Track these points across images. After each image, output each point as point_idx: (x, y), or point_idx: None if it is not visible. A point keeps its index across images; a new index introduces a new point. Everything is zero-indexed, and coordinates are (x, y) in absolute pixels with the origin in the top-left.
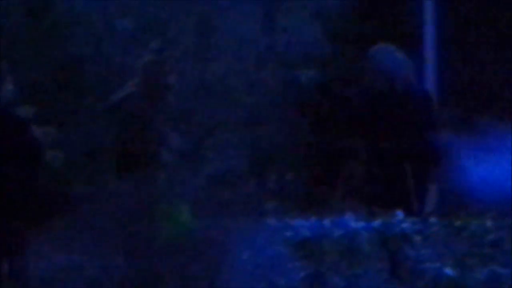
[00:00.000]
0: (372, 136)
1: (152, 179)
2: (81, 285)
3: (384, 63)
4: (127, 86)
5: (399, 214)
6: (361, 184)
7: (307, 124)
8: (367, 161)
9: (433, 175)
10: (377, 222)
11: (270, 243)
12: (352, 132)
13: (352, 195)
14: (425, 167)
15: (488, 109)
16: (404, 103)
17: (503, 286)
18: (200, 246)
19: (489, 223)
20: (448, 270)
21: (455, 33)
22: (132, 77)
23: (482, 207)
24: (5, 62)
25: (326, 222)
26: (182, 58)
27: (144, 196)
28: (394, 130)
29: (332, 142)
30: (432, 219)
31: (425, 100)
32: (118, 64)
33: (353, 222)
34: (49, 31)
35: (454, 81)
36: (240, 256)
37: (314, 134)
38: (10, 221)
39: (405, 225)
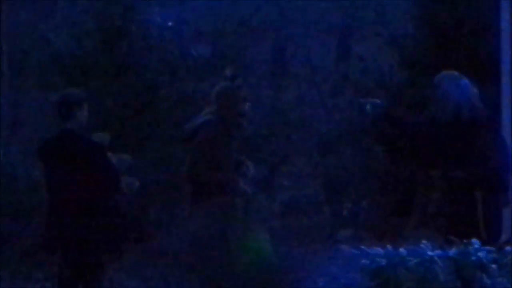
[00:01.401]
0: (443, 164)
1: (228, 207)
2: None
3: (449, 90)
4: (203, 114)
5: (475, 242)
6: (435, 213)
7: (382, 152)
8: (440, 189)
9: (504, 202)
10: (453, 251)
11: (346, 271)
12: (423, 160)
13: (426, 223)
14: (495, 194)
15: None
16: (471, 130)
17: None
18: (275, 273)
19: None
20: None
21: None
22: (207, 105)
23: None
24: (82, 90)
25: (402, 250)
26: (257, 86)
27: (219, 223)
28: (464, 158)
29: (406, 171)
30: (508, 248)
31: (492, 126)
32: (193, 91)
33: (429, 250)
34: (124, 58)
35: None
36: (316, 284)
37: (389, 163)
38: (86, 246)
39: (481, 253)
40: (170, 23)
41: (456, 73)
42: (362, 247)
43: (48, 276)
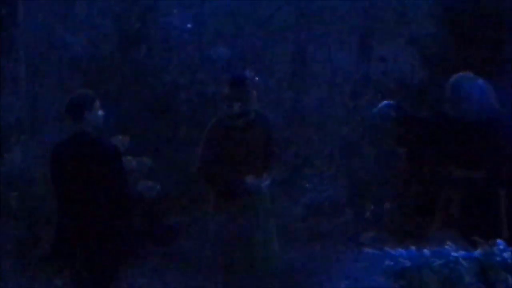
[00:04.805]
0: (465, 165)
1: (249, 209)
2: None
3: (470, 91)
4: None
5: (500, 243)
6: (458, 213)
7: (403, 153)
8: (462, 190)
9: None
10: (477, 252)
11: (369, 273)
12: (445, 161)
13: (450, 224)
14: None
15: None
16: (490, 130)
17: None
18: (298, 275)
19: None
20: None
21: None
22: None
23: None
24: (92, 90)
25: (426, 251)
26: (277, 88)
27: (240, 226)
28: (485, 157)
29: (428, 172)
30: None
31: (510, 125)
32: (213, 93)
33: (453, 251)
34: (143, 60)
35: None
36: (339, 286)
37: (411, 164)
38: (100, 251)
39: (506, 254)
40: (189, 25)
41: (470, 74)
42: (386, 248)
43: (67, 282)
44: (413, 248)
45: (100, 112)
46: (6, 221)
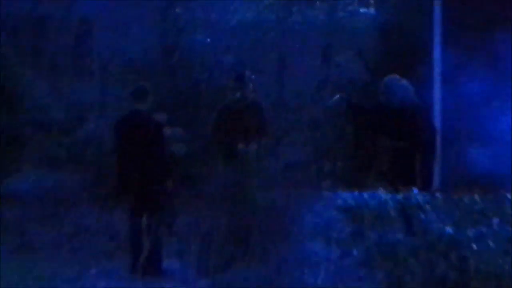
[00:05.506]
0: (392, 137)
1: (247, 165)
2: (196, 236)
3: (395, 88)
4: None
5: (415, 190)
6: (387, 169)
7: (351, 129)
8: (390, 154)
9: (433, 160)
10: (399, 196)
11: (326, 209)
12: (379, 135)
13: (382, 177)
14: (428, 156)
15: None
16: (409, 115)
17: (486, 241)
18: (277, 210)
19: (477, 197)
20: (449, 229)
21: (457, 59)
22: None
23: (480, 184)
24: (147, 83)
25: (365, 195)
26: (267, 84)
27: (240, 176)
28: (405, 133)
29: (367, 142)
30: (438, 194)
31: (424, 111)
32: (223, 87)
33: (384, 195)
34: (178, 63)
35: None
36: (306, 217)
37: (356, 136)
38: (150, 190)
39: (419, 198)
40: (208, 40)
41: (397, 76)
42: (338, 192)
43: (125, 212)
44: (356, 192)
45: (151, 98)
46: (84, 170)
